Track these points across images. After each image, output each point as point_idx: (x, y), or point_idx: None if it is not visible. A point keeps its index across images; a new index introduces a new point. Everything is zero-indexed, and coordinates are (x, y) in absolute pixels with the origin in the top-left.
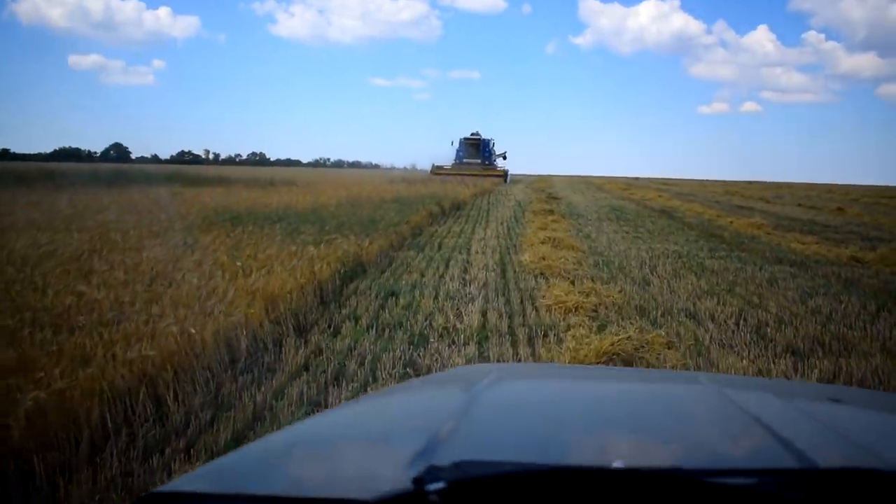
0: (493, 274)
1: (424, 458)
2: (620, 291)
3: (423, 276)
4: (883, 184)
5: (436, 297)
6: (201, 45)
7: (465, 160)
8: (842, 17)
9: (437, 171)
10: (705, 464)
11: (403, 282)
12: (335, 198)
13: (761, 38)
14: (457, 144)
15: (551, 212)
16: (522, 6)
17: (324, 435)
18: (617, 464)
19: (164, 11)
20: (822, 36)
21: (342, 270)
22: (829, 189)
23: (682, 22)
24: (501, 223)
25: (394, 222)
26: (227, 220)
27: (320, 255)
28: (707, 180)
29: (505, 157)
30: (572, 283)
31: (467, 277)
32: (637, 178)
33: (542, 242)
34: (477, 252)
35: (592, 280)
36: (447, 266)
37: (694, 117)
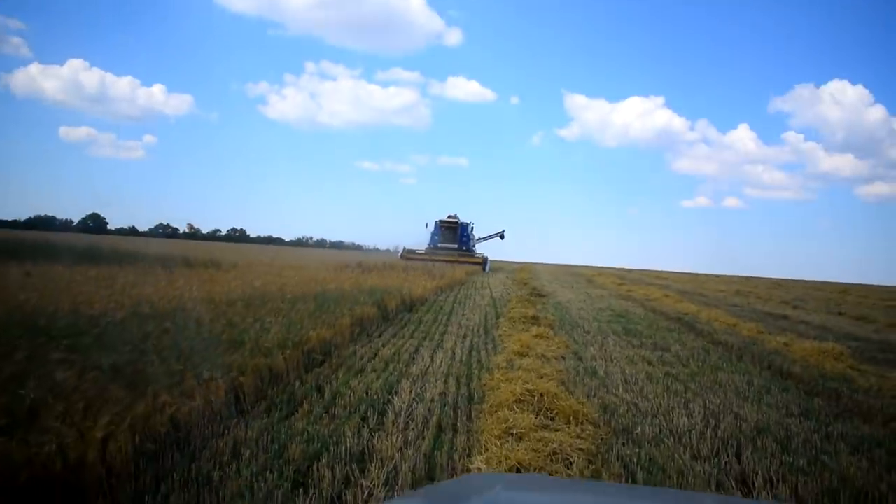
0: None
1: None
2: None
3: None
4: (872, 283)
5: None
6: (193, 123)
7: (440, 244)
8: (820, 119)
9: (407, 255)
10: None
11: None
12: (237, 290)
13: (743, 136)
14: (432, 227)
15: (536, 320)
16: (511, 98)
17: None
18: None
19: (158, 88)
20: (802, 136)
21: None
22: (843, 290)
23: (666, 118)
24: (463, 339)
25: (267, 345)
26: None
27: None
28: (696, 273)
29: (503, 237)
30: None
31: None
32: (629, 270)
33: (520, 401)
34: (391, 426)
35: None
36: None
37: (678, 210)
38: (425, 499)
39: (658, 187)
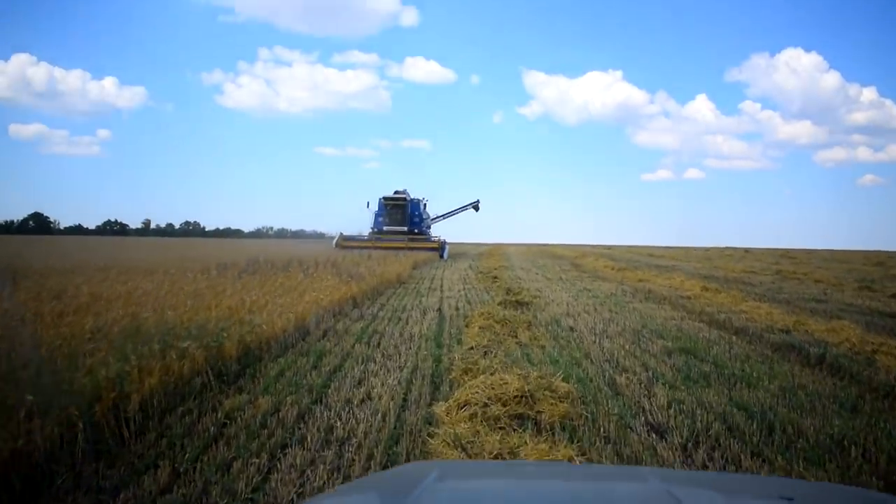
0: None
1: None
2: None
3: None
4: (842, 248)
5: None
6: (148, 115)
7: (386, 227)
8: (776, 87)
9: (343, 244)
10: None
11: None
12: None
13: (701, 107)
14: (375, 207)
15: (527, 404)
16: (470, 77)
17: None
18: None
19: (109, 81)
20: (759, 105)
21: None
22: (880, 262)
23: (626, 92)
24: None
25: None
26: None
27: None
28: (687, 247)
29: (477, 209)
30: None
31: None
32: (608, 248)
33: None
34: None
35: None
36: None
37: (641, 184)
38: (361, 491)
39: (621, 162)
